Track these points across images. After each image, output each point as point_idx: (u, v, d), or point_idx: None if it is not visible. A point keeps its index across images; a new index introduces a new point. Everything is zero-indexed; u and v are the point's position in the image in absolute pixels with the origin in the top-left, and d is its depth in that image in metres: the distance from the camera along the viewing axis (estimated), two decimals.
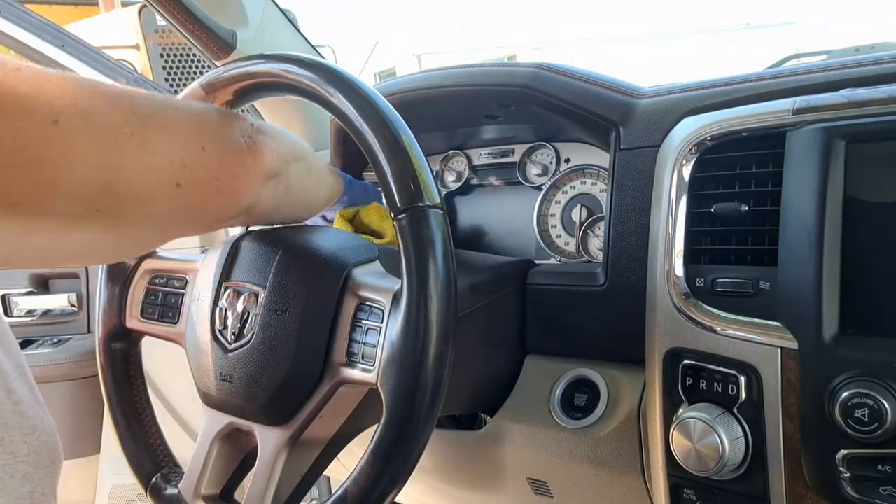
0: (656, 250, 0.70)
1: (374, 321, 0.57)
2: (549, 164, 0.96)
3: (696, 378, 0.65)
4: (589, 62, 1.09)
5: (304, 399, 0.59)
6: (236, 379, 0.61)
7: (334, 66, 0.60)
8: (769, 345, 0.61)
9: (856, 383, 0.55)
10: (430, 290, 0.53)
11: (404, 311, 0.53)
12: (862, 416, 0.54)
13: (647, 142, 0.76)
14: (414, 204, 0.54)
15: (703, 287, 0.66)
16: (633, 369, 0.76)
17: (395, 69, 4.66)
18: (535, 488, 0.86)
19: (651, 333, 0.70)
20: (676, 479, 0.67)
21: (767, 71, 0.76)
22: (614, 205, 0.78)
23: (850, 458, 0.56)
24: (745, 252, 0.65)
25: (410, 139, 0.56)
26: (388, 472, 0.54)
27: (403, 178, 0.54)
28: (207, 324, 0.65)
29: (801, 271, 0.59)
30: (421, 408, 0.53)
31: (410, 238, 0.54)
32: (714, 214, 0.67)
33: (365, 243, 0.67)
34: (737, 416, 0.62)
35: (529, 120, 0.93)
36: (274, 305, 0.61)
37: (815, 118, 0.61)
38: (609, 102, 0.81)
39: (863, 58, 0.69)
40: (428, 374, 0.52)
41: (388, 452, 0.53)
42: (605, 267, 0.78)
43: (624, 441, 0.75)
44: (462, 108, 0.94)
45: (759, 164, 0.65)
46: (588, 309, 0.79)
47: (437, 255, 0.54)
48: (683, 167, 0.69)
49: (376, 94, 0.57)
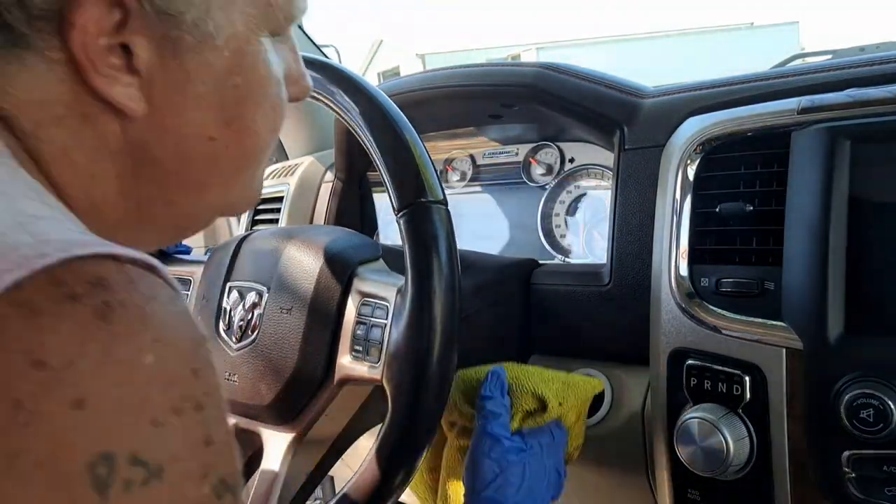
0: (661, 250, 0.70)
1: (378, 318, 0.57)
2: (553, 164, 0.96)
3: (700, 378, 0.65)
4: (593, 62, 1.09)
5: (310, 397, 0.59)
6: (241, 378, 0.62)
7: (339, 65, 0.60)
8: (774, 345, 0.61)
9: (861, 383, 0.55)
10: (434, 286, 0.53)
11: (408, 307, 0.53)
12: (867, 417, 0.54)
13: (651, 141, 0.76)
14: (417, 200, 0.54)
15: (708, 287, 0.66)
16: (637, 369, 0.76)
17: (398, 69, 4.67)
18: None
19: (655, 333, 0.70)
20: (681, 480, 0.67)
21: (772, 70, 0.76)
22: (619, 205, 0.78)
23: (855, 459, 0.56)
24: (750, 252, 0.65)
25: (413, 136, 0.56)
26: (394, 469, 0.54)
27: (406, 175, 0.55)
28: (212, 324, 0.65)
29: (805, 271, 0.59)
30: (426, 403, 0.53)
31: (413, 234, 0.54)
32: (719, 214, 0.67)
33: (369, 242, 0.67)
34: (741, 416, 0.62)
35: (533, 120, 0.93)
36: (279, 304, 0.61)
37: (821, 118, 0.61)
38: (613, 102, 0.81)
39: (868, 57, 0.68)
40: (433, 369, 0.53)
41: (393, 448, 0.53)
42: (609, 267, 0.78)
43: (628, 441, 0.75)
44: (466, 108, 0.94)
45: (763, 163, 0.65)
46: (592, 309, 0.79)
47: (441, 250, 0.54)
48: (688, 167, 0.69)
49: (380, 93, 0.58)
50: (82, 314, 0.26)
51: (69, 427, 0.25)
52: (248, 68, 0.40)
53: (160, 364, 0.27)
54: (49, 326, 0.25)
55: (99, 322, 0.26)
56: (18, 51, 0.34)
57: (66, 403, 0.25)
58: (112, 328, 0.26)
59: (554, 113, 0.85)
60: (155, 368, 0.27)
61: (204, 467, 0.28)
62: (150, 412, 0.26)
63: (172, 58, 0.37)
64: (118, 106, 0.36)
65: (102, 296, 0.27)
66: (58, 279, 0.26)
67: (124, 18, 0.34)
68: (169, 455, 0.27)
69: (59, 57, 0.34)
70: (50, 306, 0.25)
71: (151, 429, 0.26)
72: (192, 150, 0.40)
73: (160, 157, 0.39)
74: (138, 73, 0.36)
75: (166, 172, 0.40)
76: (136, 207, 0.40)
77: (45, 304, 0.25)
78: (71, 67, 0.35)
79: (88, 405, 0.25)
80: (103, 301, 0.26)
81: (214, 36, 0.38)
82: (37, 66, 0.34)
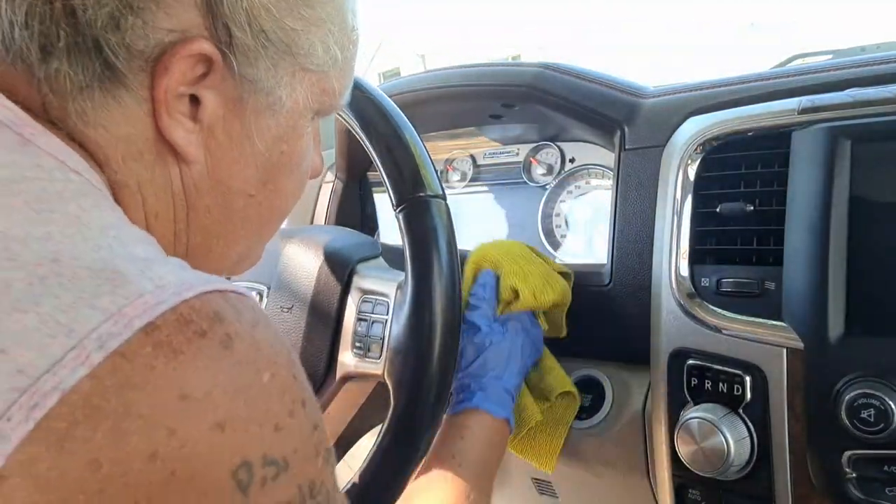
0: (661, 250, 0.70)
1: (379, 314, 0.57)
2: (553, 164, 0.96)
3: (701, 378, 0.65)
4: (593, 61, 1.09)
5: None
6: None
7: None
8: (774, 345, 0.61)
9: (861, 384, 0.55)
10: (434, 279, 0.53)
11: (409, 302, 0.53)
12: (868, 417, 0.54)
13: (652, 141, 0.76)
14: (415, 194, 0.54)
15: (709, 287, 0.66)
16: (638, 369, 0.76)
17: (399, 69, 4.66)
18: (539, 488, 0.86)
19: (656, 333, 0.70)
20: (681, 480, 0.67)
21: (773, 70, 0.76)
22: (619, 204, 0.78)
23: (855, 459, 0.56)
24: (751, 252, 0.65)
25: (411, 133, 0.56)
26: (398, 461, 0.54)
27: (404, 170, 0.54)
28: None
29: (806, 271, 0.59)
30: (428, 397, 0.53)
31: (412, 228, 0.54)
32: (719, 214, 0.67)
33: (368, 240, 0.67)
34: (742, 416, 0.62)
35: (534, 119, 0.93)
36: (279, 303, 0.61)
37: (821, 118, 0.61)
38: (614, 102, 0.81)
39: (868, 57, 0.68)
40: (434, 363, 0.52)
41: (396, 440, 0.53)
42: (609, 267, 0.78)
43: (629, 441, 0.75)
44: (466, 107, 0.94)
45: (764, 163, 0.65)
46: (593, 309, 0.79)
47: (440, 243, 0.54)
48: (688, 167, 0.69)
49: (379, 92, 0.58)
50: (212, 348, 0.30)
51: (213, 445, 0.29)
52: (294, 140, 0.44)
53: (274, 379, 0.32)
54: (189, 363, 0.29)
55: (225, 353, 0.30)
56: (116, 89, 0.36)
57: (209, 426, 0.29)
58: (235, 357, 0.31)
59: (554, 113, 0.85)
60: (271, 384, 0.32)
61: (315, 447, 0.34)
62: (273, 420, 0.32)
63: (237, 116, 0.40)
64: (178, 149, 0.39)
65: (223, 328, 0.31)
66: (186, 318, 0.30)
67: (206, 73, 0.38)
68: (291, 449, 0.32)
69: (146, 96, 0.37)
70: (187, 345, 0.29)
71: (275, 433, 0.32)
72: (235, 202, 0.44)
73: (209, 206, 0.43)
74: (201, 123, 0.39)
75: (212, 220, 0.44)
76: (183, 254, 0.44)
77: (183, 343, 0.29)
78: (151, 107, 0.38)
79: (227, 425, 0.30)
80: (225, 333, 0.31)
81: (279, 105, 0.42)
82: (128, 104, 0.37)
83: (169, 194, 0.41)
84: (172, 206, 0.41)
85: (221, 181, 0.42)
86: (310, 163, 0.48)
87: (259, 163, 0.43)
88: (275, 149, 0.43)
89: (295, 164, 0.46)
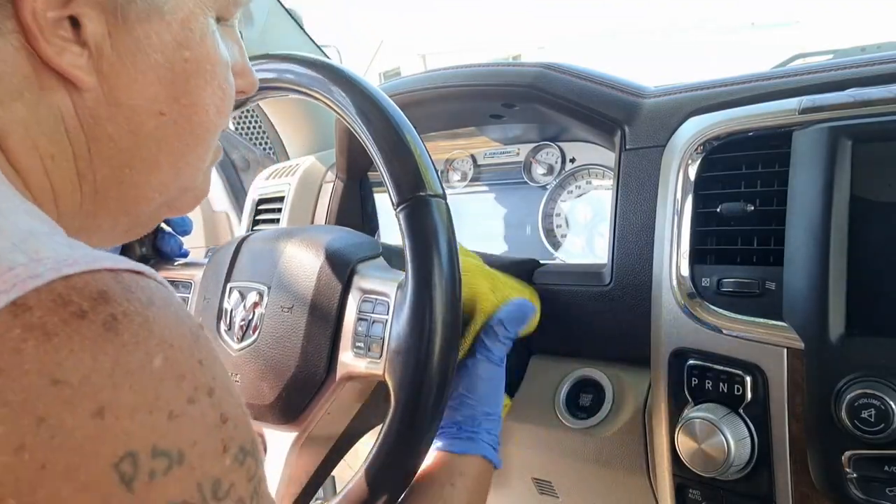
0: (662, 250, 0.70)
1: (379, 314, 0.57)
2: (554, 164, 0.96)
3: (701, 378, 0.65)
4: (594, 61, 1.09)
5: (312, 396, 0.59)
6: (244, 378, 0.62)
7: (339, 65, 0.60)
8: (775, 345, 0.61)
9: (862, 384, 0.55)
10: (435, 279, 0.53)
11: (409, 301, 0.53)
12: (868, 417, 0.54)
13: (652, 141, 0.76)
14: (415, 194, 0.54)
15: (709, 287, 0.66)
16: (638, 369, 0.76)
17: (399, 69, 4.67)
18: (539, 488, 0.86)
19: (656, 333, 0.70)
20: (682, 480, 0.67)
21: (773, 70, 0.76)
22: (620, 204, 0.78)
23: (856, 459, 0.56)
24: (751, 252, 0.65)
25: (412, 132, 0.56)
26: (398, 462, 0.54)
27: (404, 169, 0.54)
28: (213, 325, 0.65)
29: (807, 271, 0.59)
30: (428, 397, 0.53)
31: (412, 227, 0.54)
32: (720, 214, 0.67)
33: (368, 240, 0.67)
34: (743, 416, 0.62)
35: (534, 119, 0.93)
36: (280, 303, 0.61)
37: (822, 118, 0.61)
38: (614, 102, 0.81)
39: (869, 57, 0.68)
40: (434, 363, 0.52)
41: (397, 441, 0.53)
42: (610, 267, 0.78)
43: (629, 441, 0.75)
44: (467, 107, 0.94)
45: (764, 163, 0.65)
46: (593, 309, 0.79)
47: (441, 242, 0.54)
48: (689, 167, 0.69)
49: (379, 92, 0.58)
50: (92, 330, 0.27)
51: (91, 435, 0.26)
52: (196, 43, 0.41)
53: (168, 363, 0.29)
54: (64, 346, 0.26)
55: (108, 335, 0.28)
56: None
57: (87, 415, 0.26)
58: (120, 339, 0.28)
59: (555, 113, 0.85)
60: (164, 368, 0.29)
61: (223, 442, 0.31)
62: (165, 407, 0.29)
63: (121, 28, 0.37)
64: (68, 76, 0.36)
65: (107, 309, 0.28)
66: (64, 298, 0.27)
67: None
68: (189, 441, 0.29)
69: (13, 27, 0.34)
70: (62, 327, 0.27)
71: (169, 422, 0.29)
72: (143, 125, 0.40)
73: (112, 134, 0.39)
74: (87, 45, 0.36)
75: (119, 150, 0.40)
76: (91, 192, 0.41)
77: (58, 325, 0.26)
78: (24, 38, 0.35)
79: (107, 413, 0.27)
80: (109, 314, 0.28)
81: (162, 7, 0.39)
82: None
83: (62, 131, 0.38)
84: (69, 142, 0.38)
85: (122, 104, 0.39)
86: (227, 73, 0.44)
87: (161, 76, 0.40)
88: (176, 57, 0.40)
89: (207, 72, 0.42)
